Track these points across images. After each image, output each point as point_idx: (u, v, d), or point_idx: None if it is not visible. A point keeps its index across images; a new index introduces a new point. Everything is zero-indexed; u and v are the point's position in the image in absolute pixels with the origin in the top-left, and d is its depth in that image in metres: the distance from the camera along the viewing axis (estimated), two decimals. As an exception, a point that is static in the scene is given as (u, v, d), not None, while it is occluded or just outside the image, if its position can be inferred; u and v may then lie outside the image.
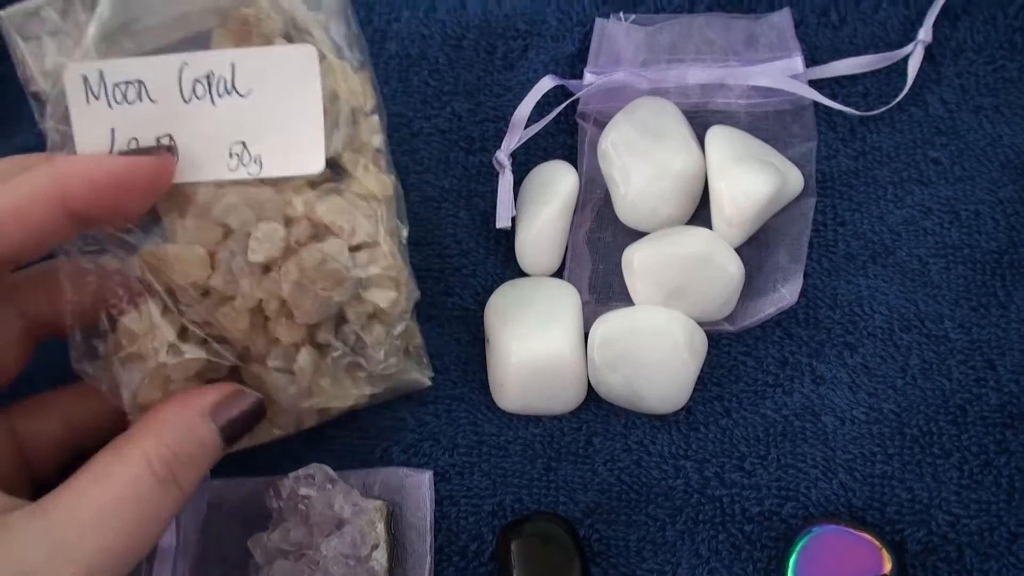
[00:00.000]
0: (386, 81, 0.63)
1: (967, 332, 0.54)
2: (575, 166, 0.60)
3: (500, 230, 0.59)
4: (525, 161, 0.61)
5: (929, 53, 0.60)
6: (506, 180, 0.58)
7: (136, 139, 0.48)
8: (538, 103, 0.60)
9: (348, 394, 0.53)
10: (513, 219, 0.58)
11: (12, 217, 0.46)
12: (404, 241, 0.53)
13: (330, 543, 0.51)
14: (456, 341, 0.58)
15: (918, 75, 0.59)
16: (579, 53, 0.63)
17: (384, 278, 0.50)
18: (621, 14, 0.62)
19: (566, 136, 0.62)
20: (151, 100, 0.48)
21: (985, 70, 0.60)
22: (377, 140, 0.51)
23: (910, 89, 0.59)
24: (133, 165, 0.47)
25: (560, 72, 0.62)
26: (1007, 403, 0.53)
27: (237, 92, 0.48)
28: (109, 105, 0.48)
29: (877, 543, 0.49)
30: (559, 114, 0.61)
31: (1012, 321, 0.54)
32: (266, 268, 0.49)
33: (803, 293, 0.56)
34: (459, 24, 0.64)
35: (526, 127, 0.60)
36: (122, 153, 0.48)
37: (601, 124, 0.60)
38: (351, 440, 0.56)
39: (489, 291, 0.58)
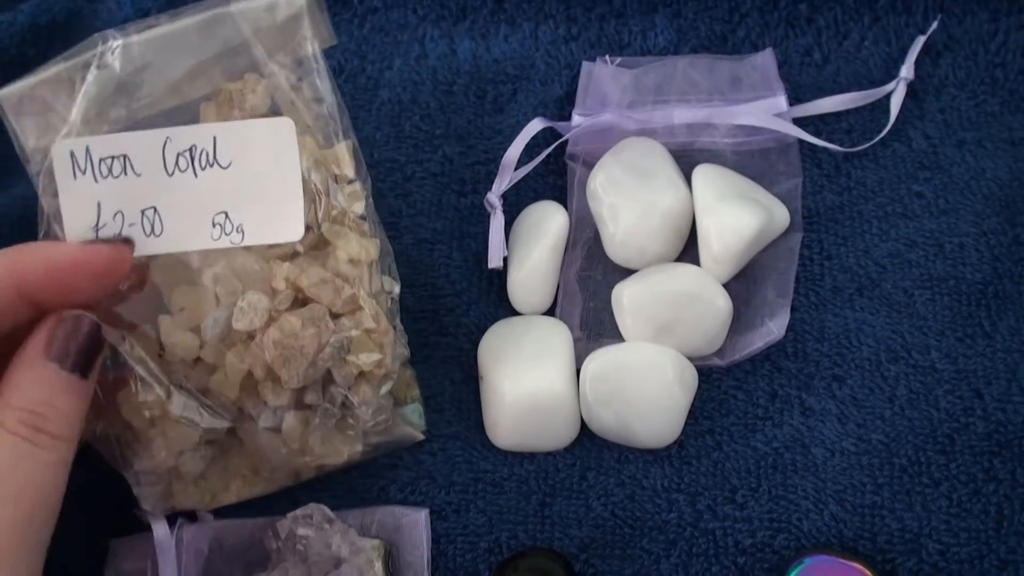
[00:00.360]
0: (378, 127, 0.64)
1: (953, 362, 0.55)
2: (565, 206, 0.61)
3: (492, 270, 0.60)
4: (516, 202, 0.62)
5: (912, 90, 0.61)
6: (497, 221, 0.59)
7: (121, 212, 0.49)
8: (528, 145, 0.61)
9: (340, 452, 0.54)
10: (505, 259, 0.59)
11: None
12: (395, 298, 0.54)
13: (328, 582, 0.52)
14: (450, 380, 0.59)
15: (901, 111, 0.60)
16: (567, 96, 0.64)
17: (367, 341, 0.51)
18: (607, 57, 0.63)
19: (555, 177, 0.63)
20: (136, 173, 0.49)
21: (967, 105, 0.61)
22: (359, 207, 0.52)
23: (893, 125, 0.60)
24: (89, 252, 0.48)
25: (549, 115, 0.63)
26: (994, 431, 0.53)
27: (219, 164, 0.50)
28: (95, 179, 0.49)
29: (868, 573, 0.50)
30: (548, 155, 0.62)
31: (998, 351, 0.55)
32: (250, 336, 0.50)
33: (791, 327, 0.57)
34: (450, 70, 0.65)
35: (516, 169, 0.61)
36: (83, 243, 0.50)
37: (590, 164, 0.61)
38: (349, 480, 0.57)
39: (482, 330, 0.59)
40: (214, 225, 0.50)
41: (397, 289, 0.53)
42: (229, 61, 0.51)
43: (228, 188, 0.50)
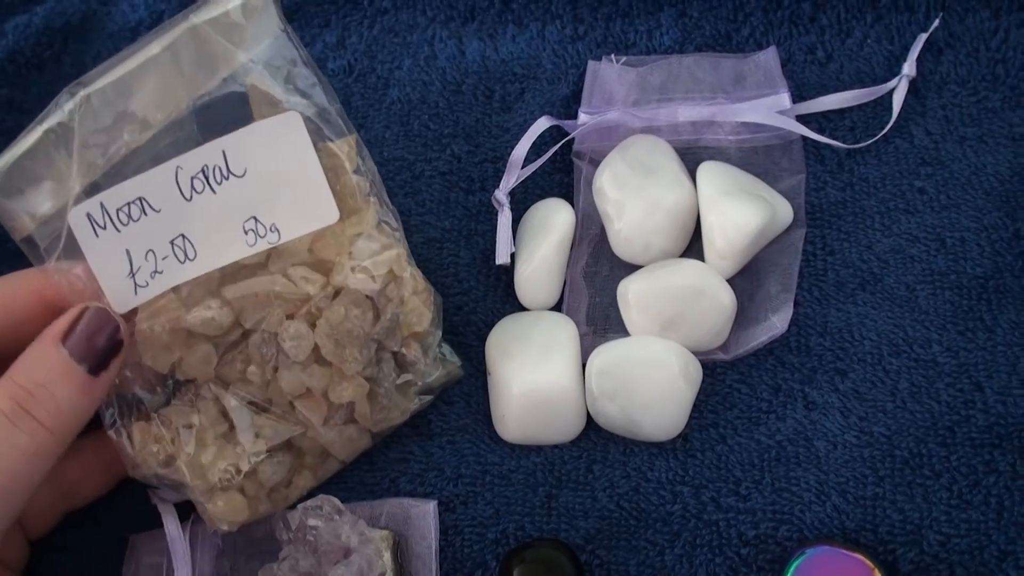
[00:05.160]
0: (388, 126, 0.65)
1: (955, 356, 0.56)
2: (571, 203, 0.61)
3: (500, 267, 0.60)
4: (523, 199, 0.62)
5: (914, 86, 0.62)
6: (505, 218, 0.60)
7: (152, 250, 0.50)
8: (534, 143, 0.62)
9: (406, 410, 0.56)
10: (512, 255, 0.60)
11: None
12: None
13: (337, 571, 0.52)
14: (459, 378, 0.60)
15: (903, 108, 0.61)
16: (573, 95, 0.65)
17: (415, 299, 0.53)
18: (613, 56, 0.64)
19: (562, 175, 0.63)
20: (155, 210, 0.49)
21: (969, 102, 0.61)
22: (366, 185, 0.53)
23: (896, 121, 0.61)
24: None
25: (555, 113, 0.64)
26: (994, 424, 0.54)
27: (234, 175, 0.50)
28: (117, 230, 0.49)
29: (870, 563, 0.50)
30: (555, 153, 0.62)
31: (998, 344, 0.55)
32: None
33: (794, 321, 0.57)
34: (458, 70, 0.66)
35: (523, 167, 0.61)
36: None
37: (596, 162, 0.61)
38: (359, 472, 0.58)
39: (490, 326, 0.60)
40: (246, 232, 0.50)
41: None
42: (208, 69, 0.50)
43: (250, 194, 0.50)
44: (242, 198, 0.50)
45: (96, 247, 0.49)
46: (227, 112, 0.50)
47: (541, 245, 0.59)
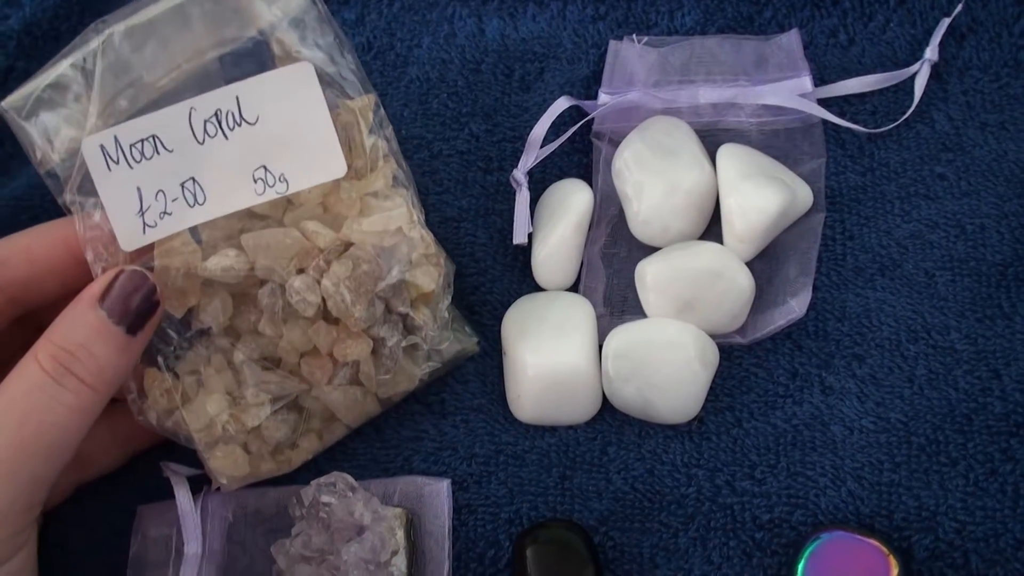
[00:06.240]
0: (406, 105, 0.65)
1: (973, 343, 0.55)
2: (590, 184, 0.61)
3: (517, 246, 0.60)
4: (541, 179, 0.62)
5: (936, 71, 0.61)
6: (523, 197, 0.60)
7: (162, 190, 0.50)
8: (554, 123, 0.61)
9: (413, 376, 0.56)
10: (530, 235, 0.60)
11: (20, 251, 0.50)
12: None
13: (350, 548, 0.52)
14: (474, 354, 0.60)
15: (925, 93, 0.61)
16: (594, 75, 0.64)
17: (424, 260, 0.53)
18: (634, 36, 0.64)
19: (581, 155, 0.63)
20: (168, 150, 0.50)
21: (990, 88, 0.61)
22: (383, 145, 0.53)
23: (917, 106, 0.60)
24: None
25: (575, 93, 0.63)
26: (1012, 412, 0.54)
27: (246, 121, 0.50)
28: (130, 166, 0.50)
29: (884, 549, 0.50)
30: (574, 133, 0.62)
31: (1017, 332, 0.55)
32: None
33: (812, 306, 0.57)
34: (477, 49, 0.66)
35: (542, 146, 0.61)
36: None
37: (615, 143, 0.61)
38: (372, 450, 0.58)
39: (506, 306, 0.60)
40: (255, 181, 0.51)
41: (423, 216, 0.55)
42: (234, 20, 0.51)
43: (261, 142, 0.50)
44: (253, 146, 0.50)
45: (108, 181, 0.50)
46: (252, 64, 0.51)
47: (559, 225, 0.59)
